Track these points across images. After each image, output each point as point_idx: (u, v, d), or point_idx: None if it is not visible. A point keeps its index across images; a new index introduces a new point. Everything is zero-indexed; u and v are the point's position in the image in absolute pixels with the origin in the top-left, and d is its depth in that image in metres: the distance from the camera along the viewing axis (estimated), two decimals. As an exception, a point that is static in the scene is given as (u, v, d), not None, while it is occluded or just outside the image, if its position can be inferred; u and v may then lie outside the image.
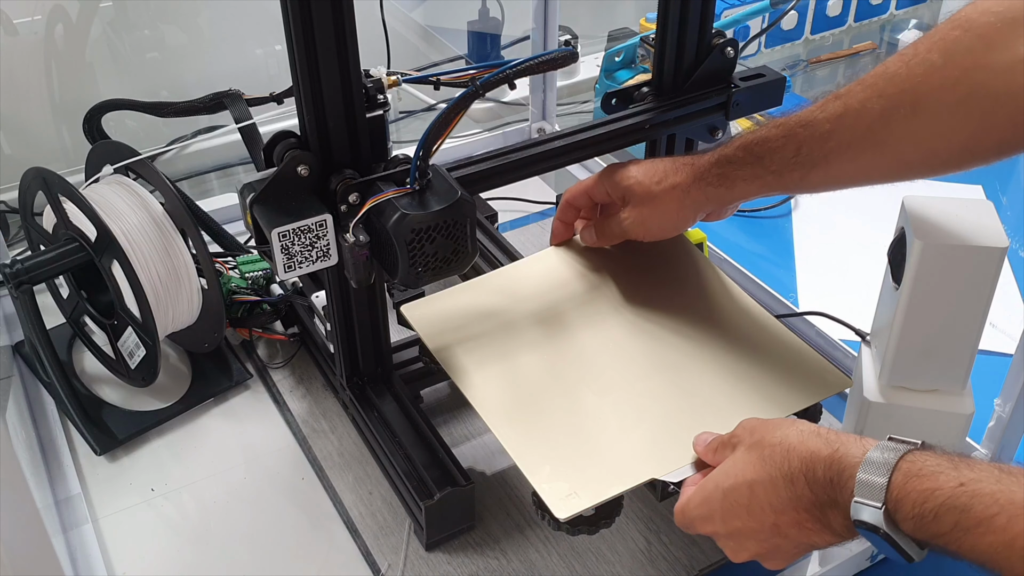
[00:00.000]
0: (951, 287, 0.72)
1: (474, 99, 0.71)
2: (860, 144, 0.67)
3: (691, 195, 0.77)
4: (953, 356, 0.76)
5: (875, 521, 0.51)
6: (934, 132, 0.63)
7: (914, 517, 0.49)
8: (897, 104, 0.64)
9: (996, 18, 0.59)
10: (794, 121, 0.70)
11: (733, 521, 0.60)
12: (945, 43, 0.62)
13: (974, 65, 0.60)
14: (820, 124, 0.68)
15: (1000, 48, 0.59)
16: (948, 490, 0.48)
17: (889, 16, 1.89)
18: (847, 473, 0.53)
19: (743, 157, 0.73)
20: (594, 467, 0.69)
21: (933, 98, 0.62)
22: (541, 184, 1.30)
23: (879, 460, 0.52)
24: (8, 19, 1.21)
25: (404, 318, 0.84)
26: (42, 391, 0.97)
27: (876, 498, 0.51)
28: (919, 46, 0.63)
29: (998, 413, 0.83)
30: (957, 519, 0.48)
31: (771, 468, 0.57)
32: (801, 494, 0.56)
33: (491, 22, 1.59)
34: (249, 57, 1.46)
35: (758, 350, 0.79)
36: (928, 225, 0.72)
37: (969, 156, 0.64)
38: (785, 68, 1.72)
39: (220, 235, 1.08)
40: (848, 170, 0.69)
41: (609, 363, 0.78)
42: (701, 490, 0.62)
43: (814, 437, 0.56)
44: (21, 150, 1.30)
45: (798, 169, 0.70)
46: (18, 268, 0.86)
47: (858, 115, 0.66)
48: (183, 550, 0.82)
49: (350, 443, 0.91)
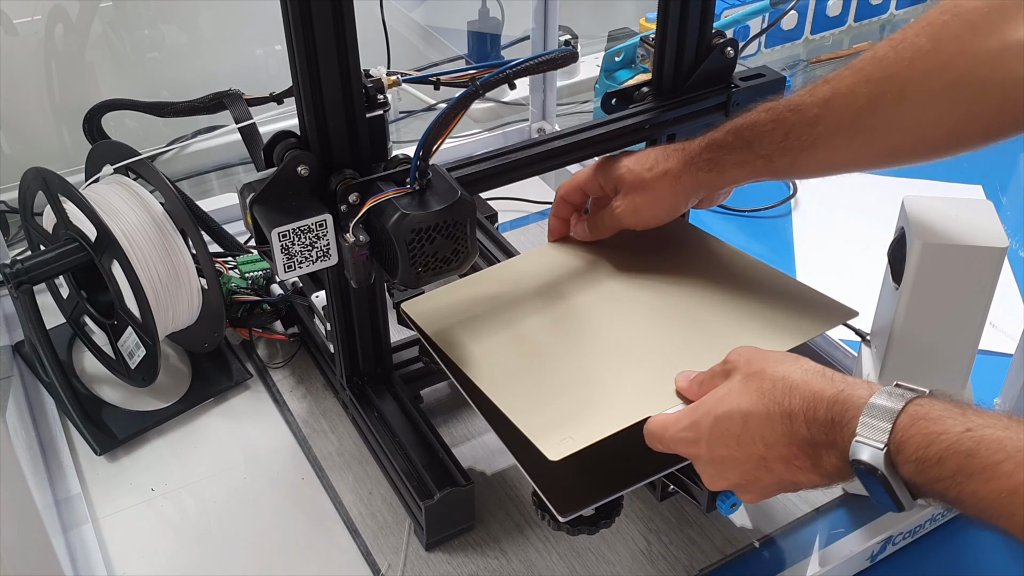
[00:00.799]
0: (951, 287, 0.72)
1: (474, 99, 0.71)
2: (848, 129, 0.66)
3: (682, 180, 0.77)
4: (953, 356, 0.76)
5: (874, 461, 0.50)
6: (921, 118, 0.63)
7: (916, 460, 0.49)
8: (885, 89, 0.64)
9: (984, 4, 0.59)
10: (783, 105, 0.70)
11: (719, 448, 0.59)
12: (933, 28, 0.62)
13: (961, 51, 0.60)
14: (809, 108, 0.68)
15: (988, 34, 0.59)
16: (954, 434, 0.47)
17: (889, 16, 1.89)
18: (850, 414, 0.52)
19: (733, 142, 0.73)
20: (588, 412, 0.68)
21: (920, 84, 0.62)
22: (541, 184, 1.30)
23: (886, 403, 0.51)
24: (8, 19, 1.21)
25: (404, 317, 0.84)
26: (42, 391, 0.97)
27: (879, 439, 0.50)
28: (908, 31, 0.63)
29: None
30: (961, 463, 0.47)
31: (769, 402, 0.56)
32: (797, 431, 0.55)
33: (491, 22, 1.59)
34: (249, 57, 1.46)
35: (758, 294, 0.78)
36: (928, 225, 0.72)
37: (956, 142, 0.63)
38: (785, 68, 1.72)
39: (220, 235, 1.08)
40: (836, 156, 0.69)
41: (607, 324, 0.77)
42: (691, 412, 0.61)
43: (818, 376, 0.56)
44: (21, 150, 1.30)
45: (787, 154, 0.70)
46: (18, 268, 0.86)
47: (846, 100, 0.66)
48: (183, 550, 0.82)
49: (350, 443, 0.91)
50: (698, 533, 0.82)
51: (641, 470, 0.69)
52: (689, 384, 0.66)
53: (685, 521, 0.83)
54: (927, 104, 0.62)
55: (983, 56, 0.59)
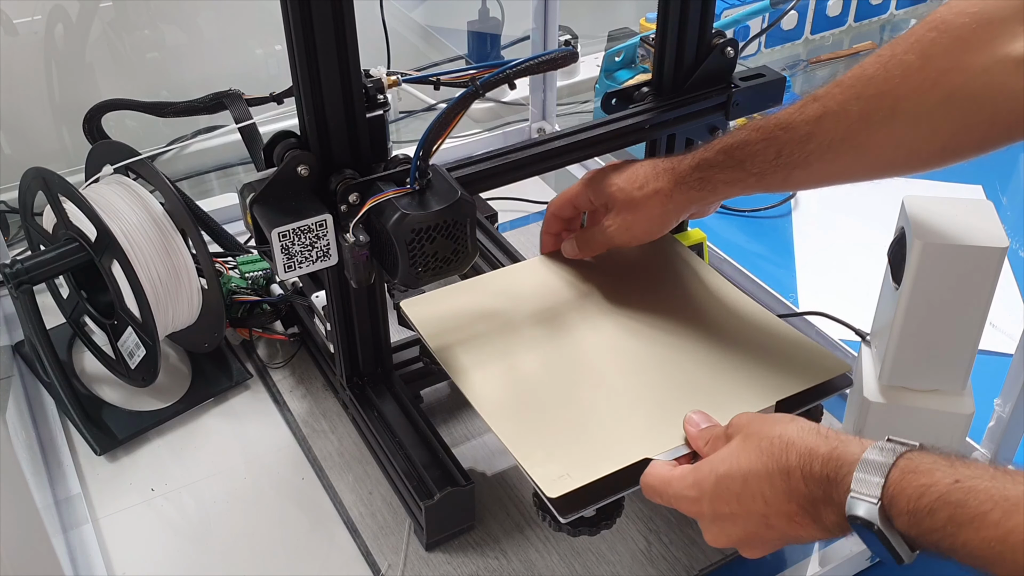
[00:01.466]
0: (951, 287, 0.72)
1: (474, 99, 0.71)
2: (840, 146, 0.67)
3: (673, 199, 0.77)
4: (953, 356, 0.76)
5: (870, 517, 0.50)
6: (914, 133, 0.63)
7: (909, 512, 0.49)
8: (876, 106, 0.64)
9: (971, 19, 0.59)
10: (773, 124, 0.71)
11: (721, 507, 0.60)
12: (922, 44, 0.62)
13: (952, 67, 0.60)
14: (800, 127, 0.69)
15: (977, 49, 0.59)
16: (943, 486, 0.48)
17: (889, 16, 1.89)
18: (844, 470, 0.53)
19: (724, 161, 0.74)
20: (587, 450, 0.69)
21: (912, 100, 0.62)
22: (541, 184, 1.30)
23: (877, 458, 0.52)
24: (8, 19, 1.21)
25: (404, 317, 0.84)
26: (42, 391, 0.97)
27: (872, 494, 0.51)
28: (896, 47, 0.64)
29: (998, 413, 0.83)
30: (951, 514, 0.48)
31: (768, 460, 0.57)
32: (796, 488, 0.55)
33: (491, 22, 1.59)
34: (249, 57, 1.46)
35: (753, 339, 0.79)
36: (928, 225, 0.72)
37: (950, 155, 0.64)
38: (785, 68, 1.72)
39: (220, 235, 1.08)
40: (829, 170, 0.69)
41: (604, 358, 0.78)
42: (695, 471, 0.62)
43: (813, 434, 0.57)
44: (21, 150, 1.30)
45: (780, 171, 0.71)
46: (18, 268, 0.86)
47: (837, 117, 0.66)
48: (183, 550, 0.82)
49: (350, 443, 0.91)
50: (698, 533, 0.81)
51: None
52: (698, 433, 0.67)
53: (685, 521, 0.83)
54: (920, 120, 0.63)
55: (974, 71, 0.59)
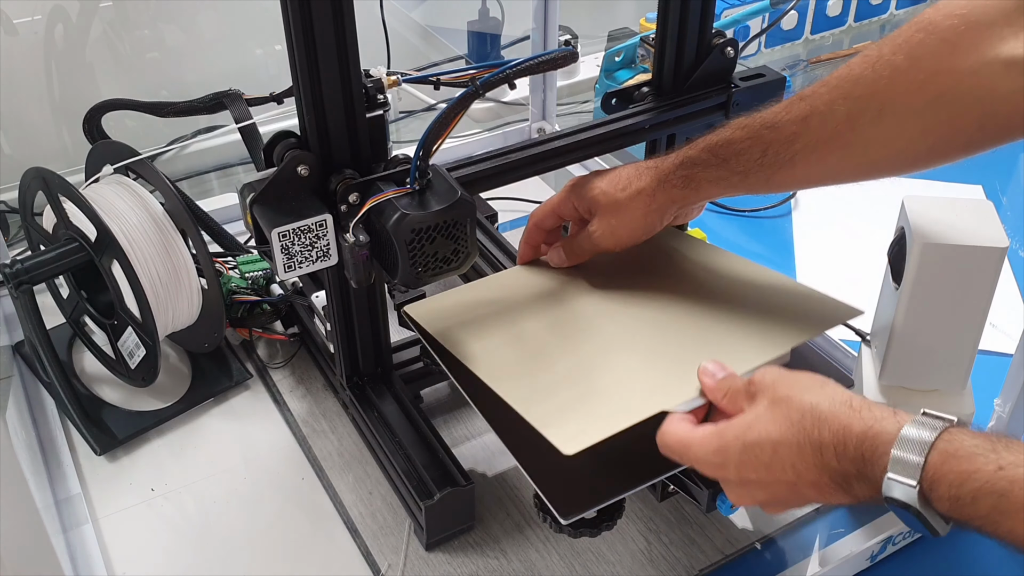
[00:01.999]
0: (951, 287, 0.72)
1: (474, 99, 0.71)
2: (827, 146, 0.66)
3: (656, 199, 0.76)
4: (953, 356, 0.76)
5: (908, 499, 0.50)
6: (902, 134, 0.63)
7: (950, 499, 0.49)
8: (864, 107, 0.64)
9: (959, 21, 0.59)
10: (759, 123, 0.70)
11: (748, 473, 0.59)
12: (910, 46, 0.62)
13: (940, 68, 0.60)
14: (786, 126, 0.68)
15: (965, 51, 0.59)
16: (987, 473, 0.48)
17: (889, 16, 1.89)
18: (881, 449, 0.52)
19: (707, 159, 0.73)
20: (601, 406, 0.68)
21: (900, 101, 0.62)
22: (541, 184, 1.30)
23: (915, 437, 0.51)
24: (8, 19, 1.21)
25: (405, 319, 0.84)
26: (42, 391, 0.97)
27: (911, 476, 0.50)
28: (883, 48, 0.63)
29: (998, 413, 0.83)
30: (995, 503, 0.47)
31: (799, 433, 0.56)
32: (828, 463, 0.55)
33: (491, 22, 1.59)
34: (249, 57, 1.46)
35: (760, 293, 0.78)
36: (928, 225, 0.72)
37: (937, 156, 0.64)
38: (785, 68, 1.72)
39: (220, 235, 1.08)
40: (814, 171, 0.68)
41: (612, 327, 0.77)
42: (719, 436, 0.61)
43: (846, 408, 0.55)
44: (21, 150, 1.30)
45: (764, 170, 0.70)
46: (18, 268, 0.86)
47: (824, 118, 0.66)
48: (183, 550, 0.82)
49: (350, 443, 0.91)
50: (698, 533, 0.82)
51: (643, 472, 0.69)
52: (716, 385, 0.65)
53: (685, 521, 0.83)
54: (907, 121, 0.62)
55: (962, 73, 0.59)
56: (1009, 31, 0.57)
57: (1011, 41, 0.57)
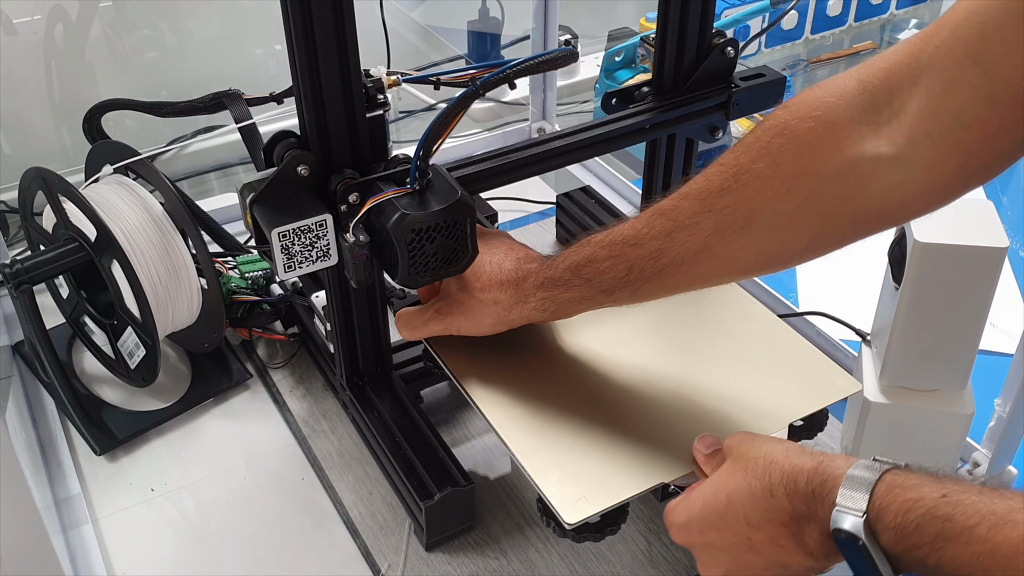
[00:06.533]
0: (951, 287, 0.72)
1: (474, 99, 0.71)
2: (694, 258, 0.65)
3: (511, 314, 0.75)
4: (953, 356, 0.76)
5: (855, 530, 0.50)
6: (773, 240, 0.62)
7: (896, 527, 0.49)
8: (731, 218, 0.62)
9: (817, 123, 0.59)
10: (620, 240, 0.68)
11: (709, 532, 0.60)
12: (769, 152, 0.61)
13: (804, 172, 0.59)
14: (649, 242, 0.66)
15: (827, 153, 0.58)
16: (930, 500, 0.48)
17: (889, 16, 1.89)
18: (830, 484, 0.53)
19: (570, 279, 0.71)
20: (603, 472, 0.69)
21: (768, 208, 0.61)
22: (541, 184, 1.30)
23: (863, 474, 0.51)
24: (8, 19, 1.21)
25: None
26: (42, 391, 0.97)
27: (858, 507, 0.50)
28: (740, 157, 0.62)
29: (998, 413, 0.83)
30: (939, 529, 0.47)
31: (752, 479, 0.57)
32: (780, 506, 0.55)
33: (491, 22, 1.59)
34: (249, 57, 1.46)
35: (765, 352, 0.79)
36: (928, 225, 0.72)
37: (812, 254, 0.63)
38: (785, 68, 1.73)
39: (220, 235, 1.08)
40: (683, 281, 0.67)
41: (615, 368, 0.78)
42: (685, 498, 0.62)
43: (798, 452, 0.56)
44: (21, 150, 1.30)
45: (629, 286, 0.68)
46: (18, 268, 0.86)
47: (690, 232, 0.64)
48: (183, 550, 0.82)
49: (350, 443, 0.91)
50: (698, 533, 0.82)
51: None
52: (705, 460, 0.67)
53: (685, 521, 0.83)
54: (777, 228, 0.62)
55: (827, 175, 0.58)
56: (868, 129, 0.57)
57: (872, 140, 0.57)
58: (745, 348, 0.79)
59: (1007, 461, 0.86)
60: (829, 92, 0.59)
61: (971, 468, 0.85)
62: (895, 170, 0.56)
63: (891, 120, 0.56)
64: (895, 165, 0.56)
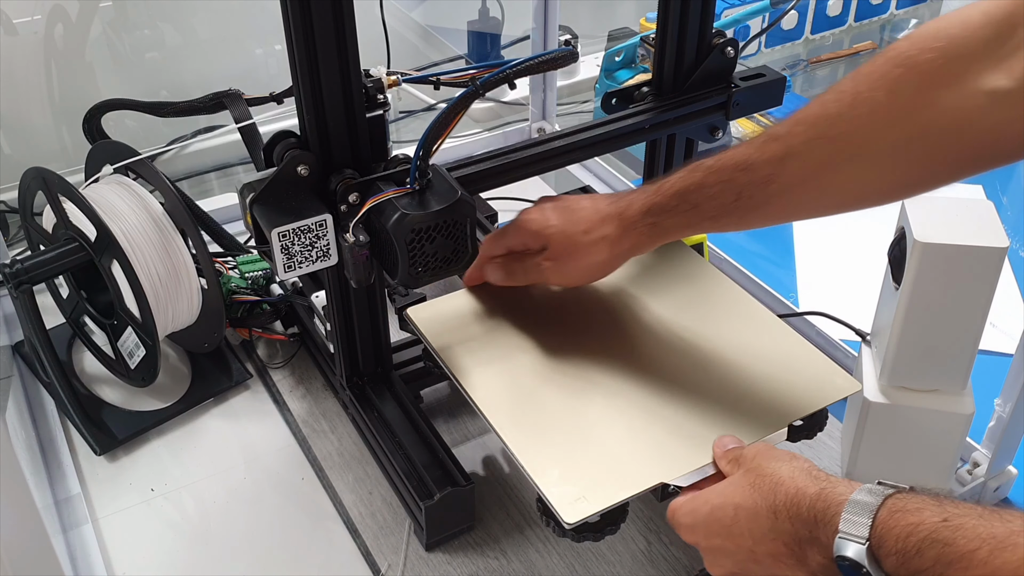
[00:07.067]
0: (951, 287, 0.72)
1: (474, 99, 0.71)
2: (803, 187, 0.65)
3: (621, 245, 0.75)
4: (953, 356, 0.76)
5: (858, 557, 0.50)
6: (881, 175, 0.62)
7: (897, 552, 0.49)
8: (841, 147, 0.63)
9: (938, 54, 0.58)
10: (731, 165, 0.68)
11: (713, 538, 0.61)
12: (888, 81, 0.60)
13: (922, 103, 0.59)
14: (760, 168, 0.66)
15: (947, 85, 0.58)
16: (931, 525, 0.48)
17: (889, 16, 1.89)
18: (832, 510, 0.53)
19: (678, 205, 0.71)
20: (603, 471, 0.69)
21: (879, 138, 0.61)
22: (541, 184, 1.30)
23: (865, 499, 0.52)
24: (8, 19, 1.21)
25: (407, 323, 0.84)
26: (42, 391, 0.97)
27: (860, 534, 0.51)
28: (859, 84, 0.62)
29: (998, 413, 0.83)
30: (939, 553, 0.47)
31: (758, 497, 0.58)
32: (782, 528, 0.56)
33: (491, 22, 1.59)
34: (249, 57, 1.46)
35: (765, 352, 0.79)
36: (928, 225, 0.72)
37: (913, 189, 0.64)
38: (785, 68, 1.73)
39: (220, 235, 1.08)
40: (788, 210, 0.68)
41: (614, 367, 0.78)
42: (693, 500, 0.63)
43: (804, 475, 0.57)
44: (21, 150, 1.30)
45: (737, 212, 0.68)
46: (18, 268, 0.86)
47: (802, 159, 0.64)
48: (183, 550, 0.82)
49: (350, 443, 0.91)
50: (698, 533, 0.82)
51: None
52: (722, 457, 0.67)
53: (685, 521, 0.83)
54: (885, 157, 0.62)
55: (944, 107, 0.58)
56: (990, 63, 0.57)
57: (993, 73, 0.56)
58: (745, 348, 0.79)
59: (1007, 461, 0.86)
60: (952, 23, 0.59)
61: (971, 468, 0.86)
62: (1007, 106, 0.56)
63: (1014, 52, 0.56)
64: (1008, 101, 0.56)
